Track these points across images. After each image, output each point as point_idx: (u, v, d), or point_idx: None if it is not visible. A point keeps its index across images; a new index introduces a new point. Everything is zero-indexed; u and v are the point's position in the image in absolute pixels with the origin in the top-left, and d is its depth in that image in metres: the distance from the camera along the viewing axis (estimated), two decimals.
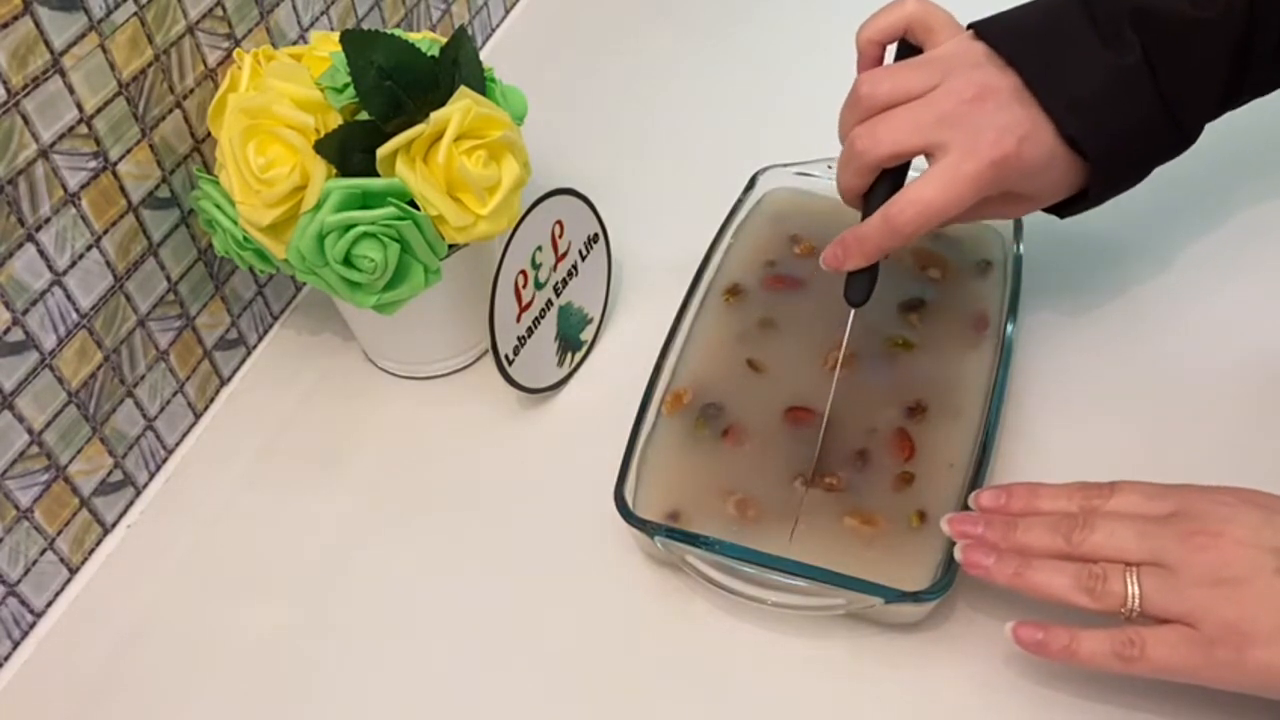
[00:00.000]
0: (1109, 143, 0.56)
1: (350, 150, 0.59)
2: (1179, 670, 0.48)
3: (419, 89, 0.60)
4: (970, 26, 0.58)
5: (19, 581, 0.59)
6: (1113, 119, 0.56)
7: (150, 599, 0.61)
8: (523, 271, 0.63)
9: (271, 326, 0.75)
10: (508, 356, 0.64)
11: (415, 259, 0.61)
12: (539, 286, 0.65)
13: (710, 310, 0.67)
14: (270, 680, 0.58)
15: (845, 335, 0.59)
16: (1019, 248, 0.67)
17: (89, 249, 0.59)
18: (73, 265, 0.58)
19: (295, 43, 0.71)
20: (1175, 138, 0.58)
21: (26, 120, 0.53)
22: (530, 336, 0.65)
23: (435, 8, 0.87)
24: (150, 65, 0.60)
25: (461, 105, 0.59)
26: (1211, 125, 0.60)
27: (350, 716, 0.56)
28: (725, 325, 0.67)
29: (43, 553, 0.60)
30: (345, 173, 0.59)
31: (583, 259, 0.68)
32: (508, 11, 0.98)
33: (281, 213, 0.59)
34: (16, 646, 0.60)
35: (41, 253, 0.56)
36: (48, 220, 0.56)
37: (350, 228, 0.58)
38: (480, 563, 0.61)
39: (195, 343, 0.68)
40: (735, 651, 0.56)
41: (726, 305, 0.68)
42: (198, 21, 0.63)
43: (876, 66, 0.60)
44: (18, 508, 0.58)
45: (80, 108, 0.56)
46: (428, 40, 0.64)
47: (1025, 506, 0.54)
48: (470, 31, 0.75)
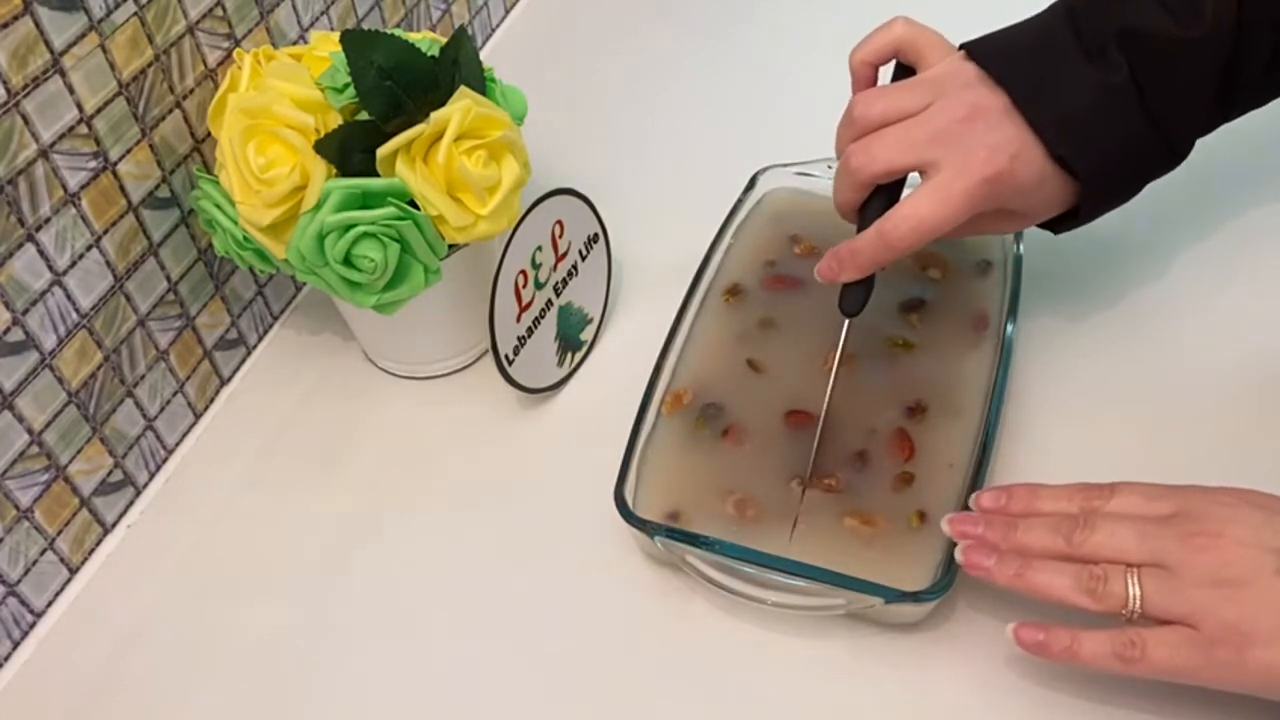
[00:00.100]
0: (1098, 162, 0.56)
1: (350, 150, 0.59)
2: (1180, 671, 0.48)
3: (419, 89, 0.60)
4: (962, 47, 0.59)
5: (19, 581, 0.59)
6: (1101, 138, 0.56)
7: (150, 599, 0.61)
8: (523, 271, 0.63)
9: (271, 326, 0.75)
10: (508, 356, 0.64)
11: (415, 259, 0.61)
12: (539, 286, 0.65)
13: (710, 310, 0.67)
14: (270, 680, 0.58)
15: (840, 341, 0.59)
16: (1019, 248, 0.67)
17: (89, 249, 0.59)
18: (73, 265, 0.58)
19: (295, 43, 0.71)
20: (1165, 155, 0.58)
21: (26, 120, 0.53)
22: (530, 336, 0.65)
23: (435, 8, 0.87)
24: (150, 65, 0.60)
25: (461, 105, 0.59)
26: None
27: (350, 716, 0.56)
28: (725, 325, 0.67)
29: (43, 553, 0.60)
30: (345, 173, 0.59)
31: (583, 259, 0.68)
32: (508, 11, 0.98)
33: (281, 213, 0.59)
34: (16, 646, 0.60)
35: (41, 253, 0.56)
36: (48, 220, 0.56)
37: (350, 228, 0.58)
38: (480, 563, 0.61)
39: (195, 343, 0.68)
40: (735, 651, 0.56)
41: (726, 305, 0.68)
42: (198, 21, 0.63)
43: (871, 87, 0.61)
44: (18, 508, 0.58)
45: (80, 108, 0.56)
46: (428, 40, 0.64)
47: (1026, 507, 0.54)
48: (470, 31, 0.75)
